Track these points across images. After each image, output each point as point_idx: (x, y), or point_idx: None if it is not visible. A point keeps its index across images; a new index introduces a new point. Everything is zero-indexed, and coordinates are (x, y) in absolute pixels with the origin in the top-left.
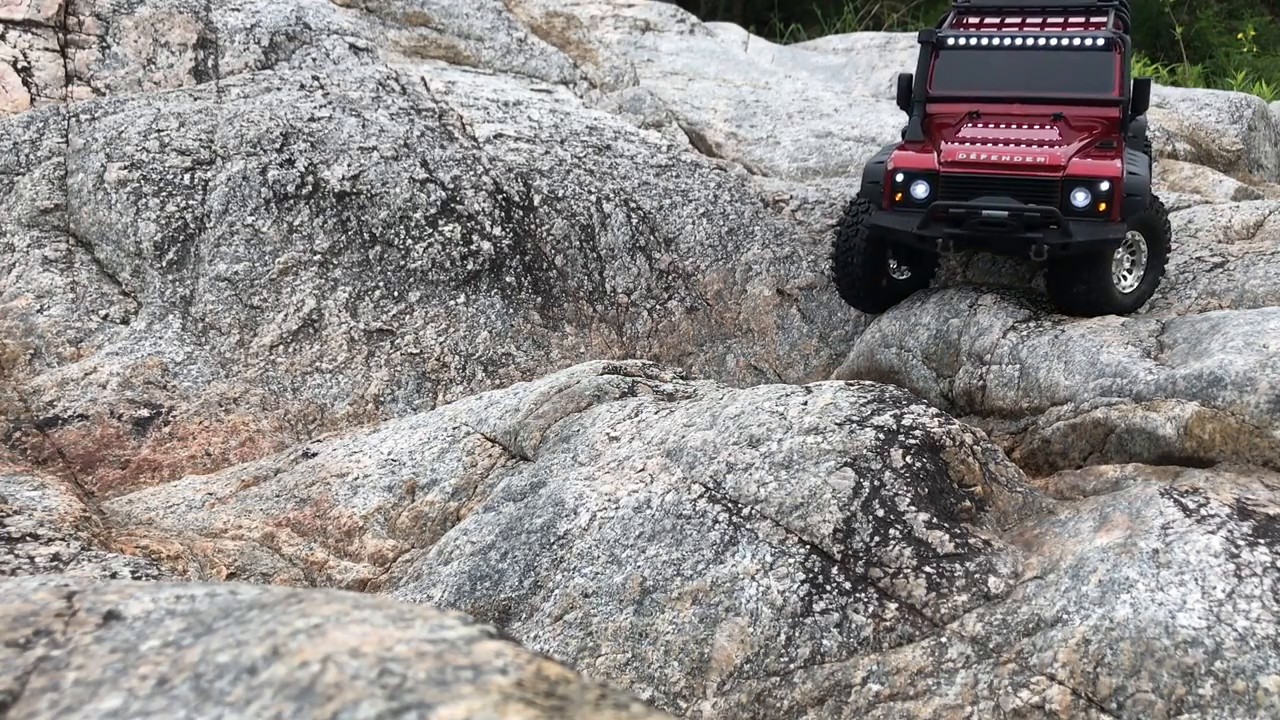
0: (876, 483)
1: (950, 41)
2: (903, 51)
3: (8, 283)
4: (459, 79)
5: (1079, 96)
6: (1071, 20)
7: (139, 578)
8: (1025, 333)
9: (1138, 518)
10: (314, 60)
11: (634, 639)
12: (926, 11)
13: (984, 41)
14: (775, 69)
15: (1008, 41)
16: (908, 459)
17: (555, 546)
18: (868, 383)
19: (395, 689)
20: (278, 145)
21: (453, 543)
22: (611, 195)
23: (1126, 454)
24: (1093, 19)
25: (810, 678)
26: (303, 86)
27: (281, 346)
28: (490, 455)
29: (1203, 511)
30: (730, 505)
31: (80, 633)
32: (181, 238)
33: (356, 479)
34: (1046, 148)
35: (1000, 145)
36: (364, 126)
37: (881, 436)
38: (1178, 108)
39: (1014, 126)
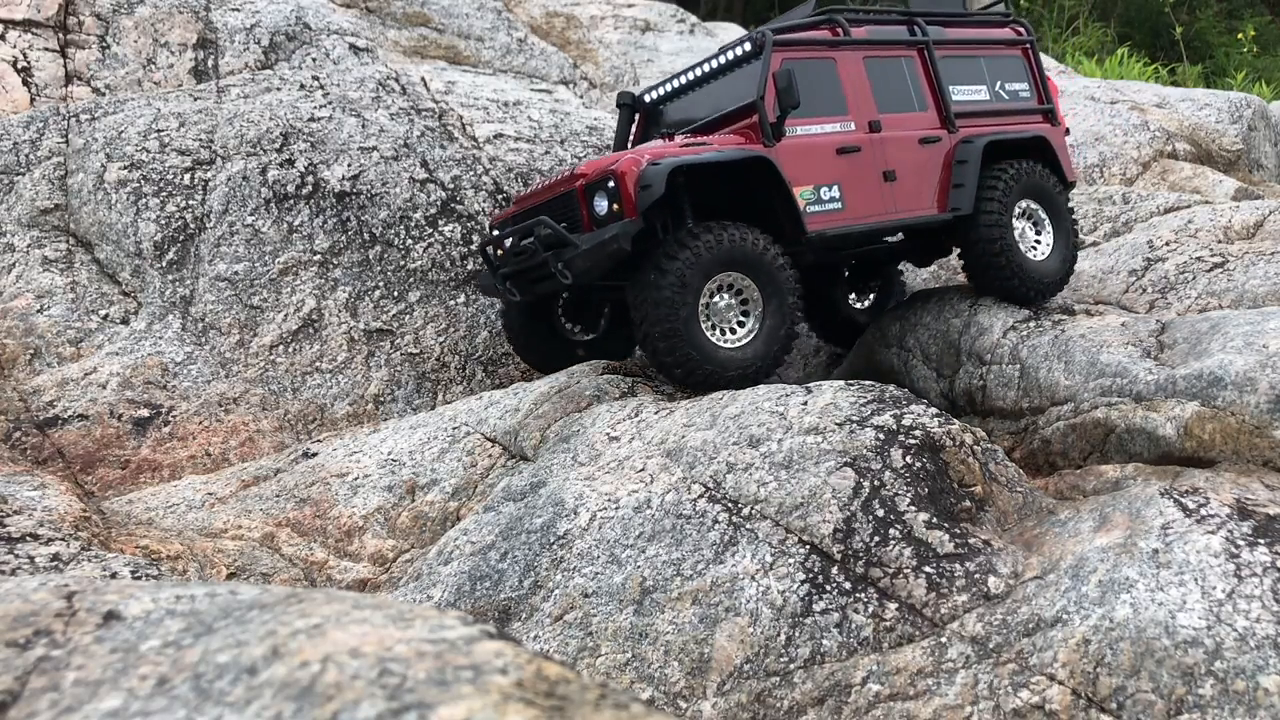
0: (876, 483)
1: (649, 98)
2: None
3: (8, 283)
4: (459, 79)
5: (728, 111)
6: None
7: (139, 578)
8: (1025, 332)
9: (1138, 518)
10: (314, 60)
11: (634, 639)
12: None
13: (669, 86)
14: None
15: (684, 80)
16: (908, 459)
17: (555, 546)
18: (868, 383)
19: (395, 689)
20: (278, 145)
21: (453, 543)
22: None
23: (1126, 454)
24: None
25: (810, 678)
26: (303, 86)
27: (281, 346)
28: (490, 455)
29: (1203, 511)
30: (730, 505)
31: (80, 633)
32: (181, 238)
33: (356, 479)
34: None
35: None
36: (364, 126)
37: (881, 436)
38: (1178, 108)
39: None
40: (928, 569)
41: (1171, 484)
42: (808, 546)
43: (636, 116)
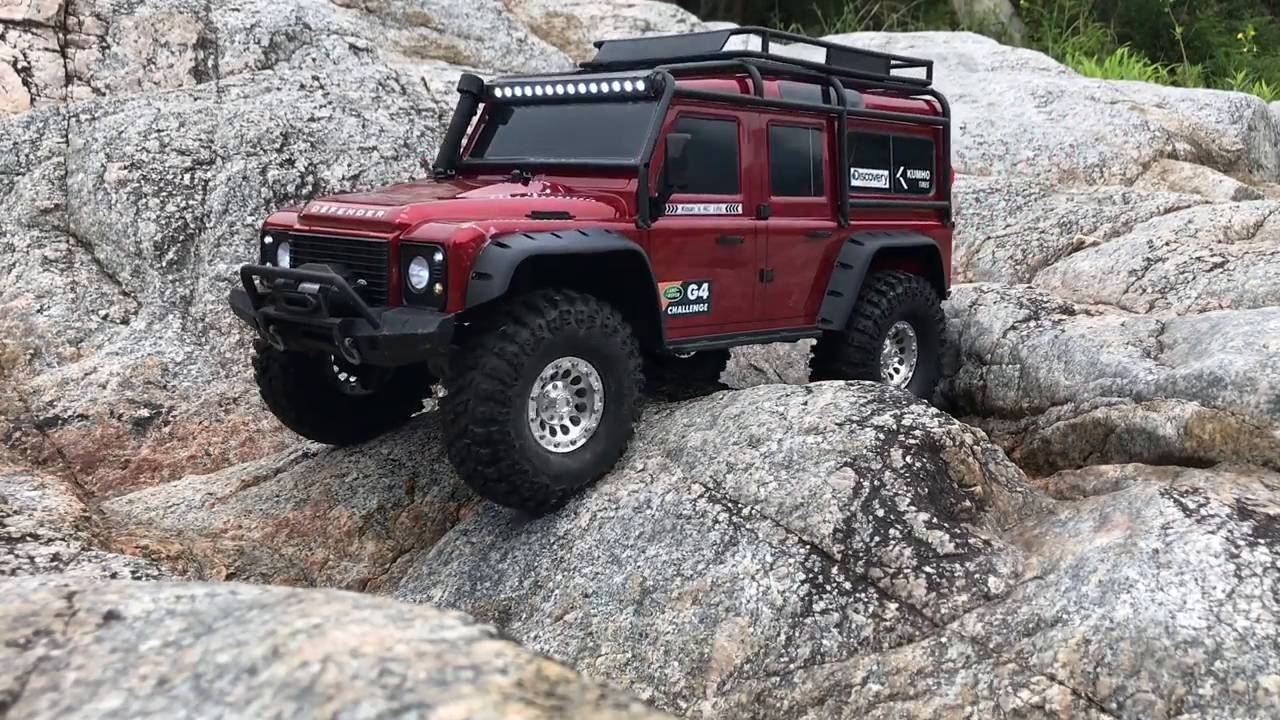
0: (876, 483)
1: (500, 93)
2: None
3: (8, 283)
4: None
5: (600, 162)
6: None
7: (139, 578)
8: (1025, 332)
9: (1138, 518)
10: (314, 60)
11: (634, 639)
12: (926, 11)
13: (530, 90)
14: None
15: (554, 90)
16: (908, 459)
17: (555, 546)
18: (868, 383)
19: (395, 689)
20: (278, 145)
21: (453, 543)
22: None
23: (1126, 454)
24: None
25: (810, 678)
26: (303, 86)
27: None
28: None
29: (1203, 511)
30: (730, 505)
31: (80, 633)
32: (181, 238)
33: (356, 479)
34: (411, 201)
35: (381, 198)
36: (364, 126)
37: (882, 436)
38: (1178, 108)
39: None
40: (928, 569)
41: (1171, 484)
42: (808, 546)
43: (480, 108)
